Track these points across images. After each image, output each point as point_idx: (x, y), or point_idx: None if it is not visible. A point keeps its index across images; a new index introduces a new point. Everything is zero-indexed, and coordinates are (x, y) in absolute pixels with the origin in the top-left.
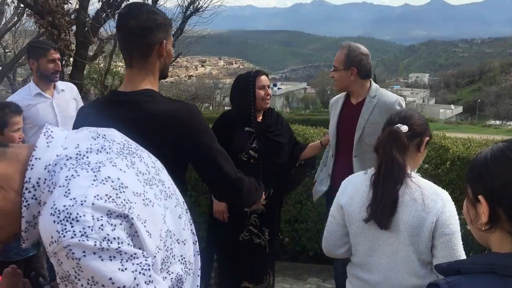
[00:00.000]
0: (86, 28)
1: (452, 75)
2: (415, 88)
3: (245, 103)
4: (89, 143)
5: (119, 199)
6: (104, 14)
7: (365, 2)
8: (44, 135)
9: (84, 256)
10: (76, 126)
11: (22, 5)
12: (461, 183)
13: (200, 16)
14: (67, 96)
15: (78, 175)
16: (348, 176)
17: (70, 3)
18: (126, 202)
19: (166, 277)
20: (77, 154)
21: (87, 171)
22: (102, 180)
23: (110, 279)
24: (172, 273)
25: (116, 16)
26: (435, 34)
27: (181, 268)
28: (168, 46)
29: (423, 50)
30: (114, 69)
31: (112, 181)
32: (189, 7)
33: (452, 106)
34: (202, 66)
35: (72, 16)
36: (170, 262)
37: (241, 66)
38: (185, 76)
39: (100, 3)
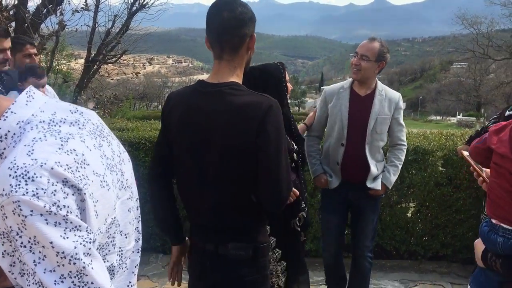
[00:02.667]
0: (26, 24)
1: (395, 73)
2: None
3: (279, 99)
4: (65, 114)
5: (78, 172)
6: (45, 10)
7: (312, 2)
8: (26, 93)
9: (31, 215)
10: (164, 112)
11: None
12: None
13: (146, 12)
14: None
15: (46, 140)
16: (360, 165)
17: None
18: (84, 178)
19: None
20: (51, 120)
21: (55, 138)
22: (67, 151)
23: (51, 243)
24: (107, 261)
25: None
26: (378, 33)
27: (116, 260)
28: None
29: None
30: (57, 67)
31: (76, 155)
32: (134, 3)
33: None
34: (150, 64)
35: (11, 12)
36: (109, 250)
37: (190, 65)
38: (132, 73)
39: None
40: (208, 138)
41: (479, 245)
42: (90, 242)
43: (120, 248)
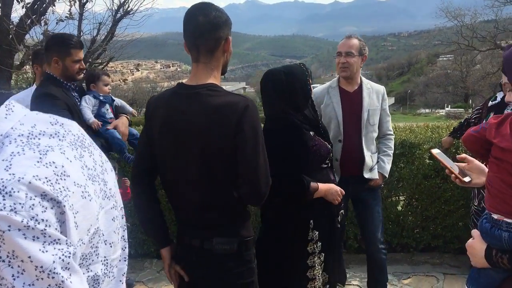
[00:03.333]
0: (10, 36)
1: (383, 68)
2: None
3: (306, 103)
4: (45, 126)
5: (58, 185)
6: (29, 20)
7: (297, 1)
8: (6, 107)
9: (9, 230)
10: (147, 116)
11: None
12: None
13: (131, 19)
14: None
15: (24, 154)
16: (357, 158)
17: None
18: (64, 190)
19: (84, 273)
20: (30, 133)
21: (34, 152)
22: (46, 164)
23: (29, 257)
24: (91, 271)
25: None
26: (364, 29)
27: (101, 269)
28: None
29: None
30: None
31: (56, 167)
32: (118, 10)
33: None
34: (138, 70)
35: None
36: (92, 260)
37: (178, 69)
38: (119, 80)
39: (24, 9)
40: (187, 138)
41: (477, 244)
42: (69, 256)
43: (105, 257)
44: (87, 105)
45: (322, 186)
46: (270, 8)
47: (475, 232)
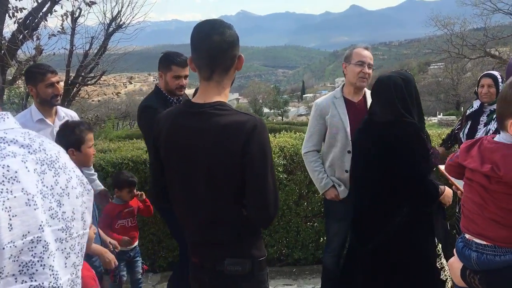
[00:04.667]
0: (3, 51)
1: (375, 77)
2: None
3: (418, 109)
4: (22, 137)
5: (3, 186)
6: (21, 36)
7: (288, 12)
8: (1, 117)
9: None
10: (156, 133)
11: None
12: None
13: (124, 32)
14: None
15: None
16: None
17: None
18: (7, 193)
19: (25, 281)
20: (2, 138)
21: None
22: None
23: None
24: (35, 281)
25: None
26: (356, 39)
27: (50, 282)
28: None
29: None
30: None
31: (8, 170)
32: (111, 24)
33: None
34: (131, 83)
35: None
36: (37, 270)
37: None
38: (112, 93)
39: (16, 24)
40: (194, 157)
41: (455, 264)
42: None
43: (57, 271)
44: None
45: (443, 188)
46: (262, 19)
47: (455, 251)
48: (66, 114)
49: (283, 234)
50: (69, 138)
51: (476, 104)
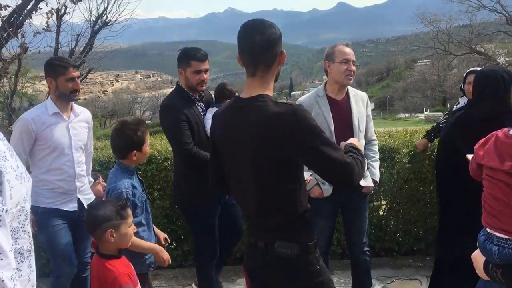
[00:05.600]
0: None
1: (362, 74)
2: None
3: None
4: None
5: (1, 161)
6: (6, 33)
7: (276, 9)
8: None
9: None
10: (212, 128)
11: None
12: None
13: (110, 30)
14: (82, 121)
15: None
16: None
17: None
18: (5, 168)
19: (12, 245)
20: None
21: None
22: None
23: None
24: (18, 244)
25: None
26: (343, 36)
27: (27, 246)
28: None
29: None
30: (22, 90)
31: (4, 152)
32: (97, 22)
33: None
34: (118, 81)
35: None
36: (20, 235)
37: (159, 79)
38: (99, 91)
39: (0, 22)
40: (242, 149)
41: (479, 258)
42: (2, 210)
43: (31, 237)
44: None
45: None
46: (250, 16)
47: (478, 244)
48: (81, 110)
49: None
50: (132, 139)
51: (462, 101)
